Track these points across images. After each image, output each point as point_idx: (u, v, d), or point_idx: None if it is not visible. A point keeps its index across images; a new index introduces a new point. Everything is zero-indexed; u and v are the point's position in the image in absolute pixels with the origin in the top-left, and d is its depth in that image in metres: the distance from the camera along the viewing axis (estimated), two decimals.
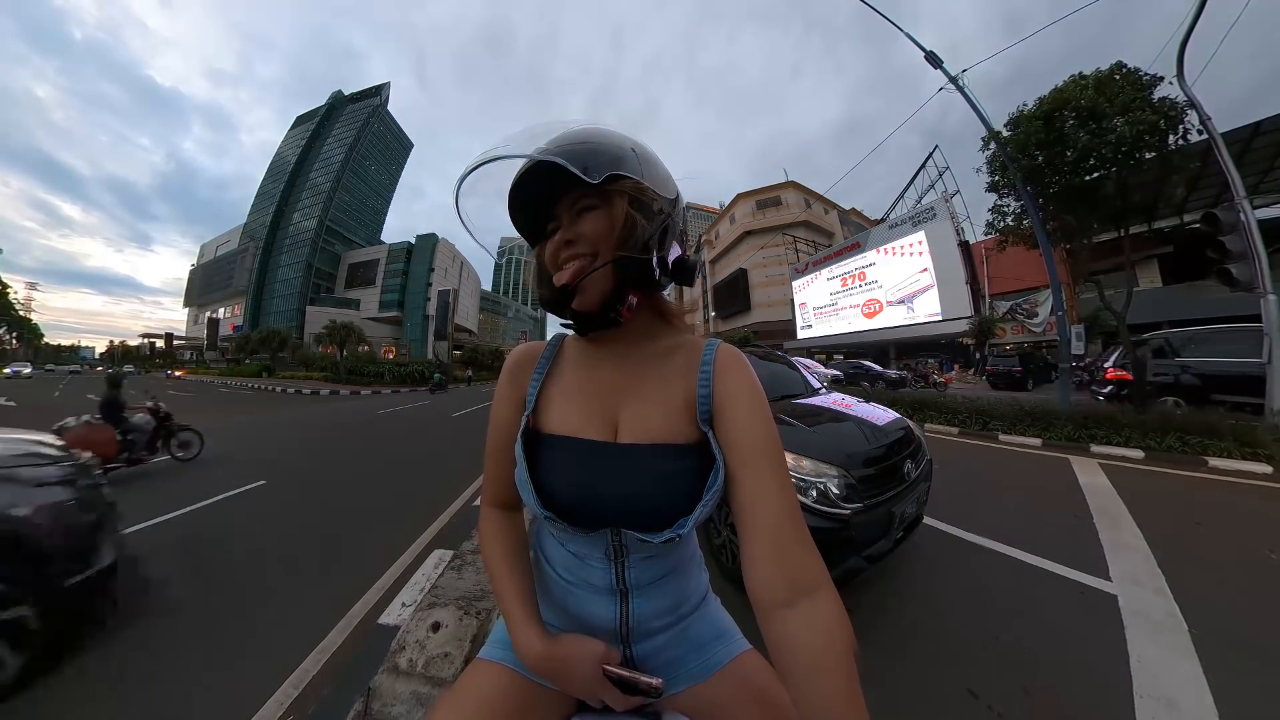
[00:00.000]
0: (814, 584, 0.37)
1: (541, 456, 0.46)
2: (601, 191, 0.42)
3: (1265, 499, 2.98)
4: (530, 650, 0.43)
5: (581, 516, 0.45)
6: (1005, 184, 5.95)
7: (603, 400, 0.48)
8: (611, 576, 0.47)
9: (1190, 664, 1.35)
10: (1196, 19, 4.51)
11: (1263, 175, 12.90)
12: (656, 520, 0.43)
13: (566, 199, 0.44)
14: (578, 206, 0.43)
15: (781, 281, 30.47)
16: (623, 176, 0.41)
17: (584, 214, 0.43)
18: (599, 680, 0.41)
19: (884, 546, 1.69)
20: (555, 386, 0.50)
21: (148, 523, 2.88)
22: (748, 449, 0.42)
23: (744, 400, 0.45)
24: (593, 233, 0.42)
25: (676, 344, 0.50)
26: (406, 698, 0.93)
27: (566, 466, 0.45)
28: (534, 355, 0.53)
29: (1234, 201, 4.30)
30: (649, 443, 0.44)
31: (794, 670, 0.34)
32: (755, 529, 0.39)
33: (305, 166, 58.98)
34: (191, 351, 61.86)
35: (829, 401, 2.37)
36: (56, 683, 1.36)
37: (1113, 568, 1.98)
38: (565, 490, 0.45)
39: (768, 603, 0.36)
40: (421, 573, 2.16)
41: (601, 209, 0.43)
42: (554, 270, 0.45)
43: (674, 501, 0.43)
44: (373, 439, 6.53)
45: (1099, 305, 6.40)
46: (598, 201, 0.43)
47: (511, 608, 0.46)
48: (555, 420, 0.48)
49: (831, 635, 0.34)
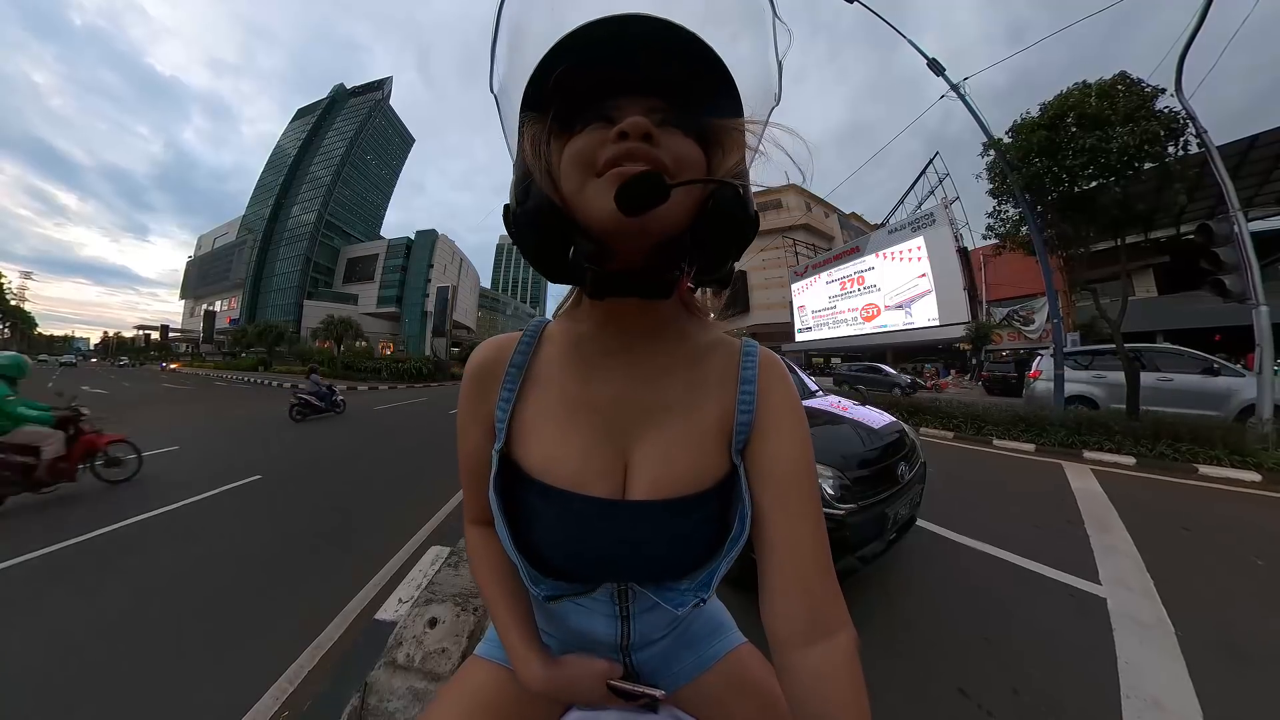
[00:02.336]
0: (833, 626, 0.33)
1: (526, 507, 0.36)
2: (704, 125, 0.30)
3: (1253, 506, 3.02)
4: (532, 678, 0.40)
5: (582, 579, 0.39)
6: (1005, 191, 6.00)
7: (607, 429, 0.37)
8: (615, 607, 0.42)
9: (1176, 666, 1.37)
10: (1195, 33, 4.56)
11: (1257, 188, 13.08)
12: (674, 575, 0.38)
13: (633, 99, 0.29)
14: (657, 116, 0.28)
15: (780, 284, 30.56)
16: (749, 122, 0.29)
17: (666, 130, 0.28)
18: (603, 696, 0.41)
19: (877, 547, 1.70)
20: (535, 407, 0.38)
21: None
22: (788, 484, 0.35)
23: (788, 425, 0.37)
24: (687, 155, 0.29)
25: (708, 344, 0.40)
26: (403, 693, 0.94)
27: (561, 529, 0.36)
28: (502, 359, 0.40)
29: (1229, 214, 4.35)
30: (670, 497, 0.35)
31: (801, 711, 0.31)
32: (784, 565, 0.34)
33: (305, 159, 58.63)
34: (187, 344, 61.36)
35: (825, 404, 2.38)
36: None
37: (1102, 571, 2.00)
38: (560, 558, 0.37)
39: (786, 639, 0.33)
40: (419, 569, 2.16)
41: (691, 141, 0.29)
42: (584, 160, 0.28)
43: (695, 557, 0.37)
44: (372, 438, 6.50)
45: (1095, 313, 6.46)
46: (691, 127, 0.29)
47: (509, 633, 0.42)
48: (541, 458, 0.37)
49: (843, 683, 0.31)
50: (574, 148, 0.29)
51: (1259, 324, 4.18)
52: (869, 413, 2.27)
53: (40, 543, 2.48)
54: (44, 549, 2.42)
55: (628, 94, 0.29)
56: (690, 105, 0.30)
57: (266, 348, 32.70)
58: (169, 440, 5.44)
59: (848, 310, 24.58)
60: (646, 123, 0.27)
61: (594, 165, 0.28)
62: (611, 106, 0.29)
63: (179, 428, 6.77)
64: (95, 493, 3.34)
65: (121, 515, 2.91)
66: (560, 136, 0.30)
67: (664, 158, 0.28)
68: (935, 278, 19.58)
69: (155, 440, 5.19)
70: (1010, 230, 6.28)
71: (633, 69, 0.28)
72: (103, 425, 3.60)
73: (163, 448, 5.02)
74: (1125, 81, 4.95)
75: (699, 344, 0.39)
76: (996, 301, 21.04)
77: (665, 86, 0.29)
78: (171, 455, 4.86)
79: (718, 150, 0.31)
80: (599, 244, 0.29)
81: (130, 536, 2.67)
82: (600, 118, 0.29)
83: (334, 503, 3.29)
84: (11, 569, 2.20)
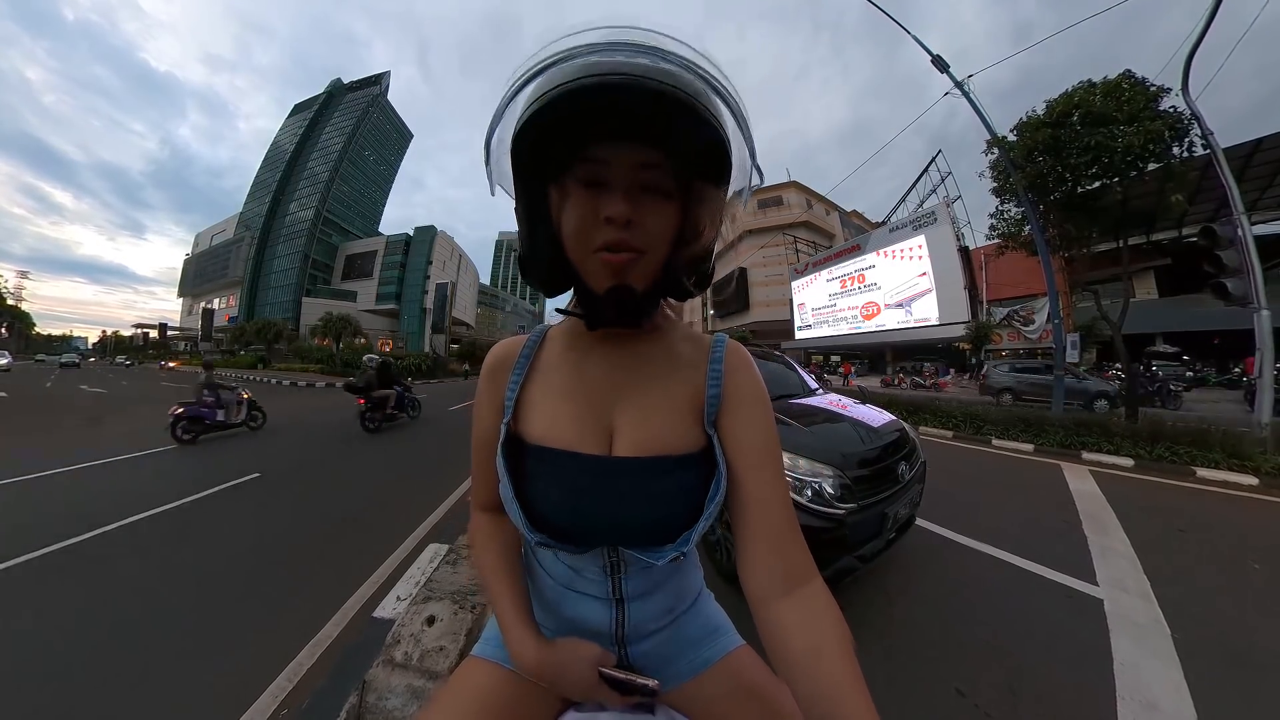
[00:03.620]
0: (807, 575, 0.38)
1: (527, 470, 0.42)
2: (687, 181, 0.34)
3: (1250, 510, 3.03)
4: (524, 655, 0.42)
5: (575, 537, 0.42)
6: (1008, 190, 5.99)
7: (595, 404, 0.43)
8: (608, 587, 0.45)
9: (1172, 668, 1.38)
10: (1204, 34, 4.53)
11: (1261, 191, 13.06)
12: (657, 537, 0.41)
13: (623, 151, 0.32)
14: (644, 180, 0.33)
15: (781, 282, 30.51)
16: (727, 177, 0.34)
17: (649, 195, 0.33)
18: (594, 683, 0.41)
19: (876, 546, 1.70)
20: (538, 388, 0.45)
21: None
22: (755, 452, 0.41)
23: (753, 401, 0.43)
24: (658, 231, 0.34)
25: (678, 337, 0.46)
26: (401, 691, 0.94)
27: (556, 485, 0.41)
28: (513, 353, 0.47)
29: (1233, 217, 4.34)
30: (650, 455, 0.41)
31: (791, 654, 0.34)
32: (757, 528, 0.39)
33: (303, 155, 58.26)
34: (186, 342, 61.22)
35: (825, 402, 2.38)
36: None
37: (1100, 573, 2.01)
38: (556, 512, 0.41)
39: (764, 596, 0.37)
40: (417, 566, 2.16)
41: (674, 203, 0.34)
42: (581, 238, 0.34)
43: (675, 517, 0.40)
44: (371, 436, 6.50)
45: (1095, 314, 6.47)
46: (673, 189, 0.34)
47: (504, 612, 0.44)
48: (540, 428, 0.43)
49: (827, 620, 0.35)
50: (572, 222, 0.34)
51: (1260, 328, 4.18)
52: (869, 411, 2.27)
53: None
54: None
55: (616, 140, 0.32)
56: (682, 163, 0.33)
57: (265, 345, 32.66)
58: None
59: (848, 308, 24.55)
60: (626, 212, 0.32)
61: (590, 240, 0.34)
62: (599, 158, 0.32)
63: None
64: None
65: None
66: (556, 185, 0.35)
67: (640, 242, 0.33)
68: (936, 276, 19.54)
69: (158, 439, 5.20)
70: (1012, 229, 6.26)
71: (617, 115, 0.30)
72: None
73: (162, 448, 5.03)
74: (1130, 81, 4.92)
75: (673, 337, 0.47)
76: (997, 301, 21.03)
77: (661, 140, 0.31)
78: (171, 454, 4.87)
79: (697, 208, 0.35)
80: (593, 299, 0.38)
81: (132, 537, 2.67)
82: (589, 172, 0.33)
83: (333, 500, 3.29)
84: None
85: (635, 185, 0.33)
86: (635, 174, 0.32)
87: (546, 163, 0.34)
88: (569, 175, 0.34)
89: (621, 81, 0.27)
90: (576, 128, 0.30)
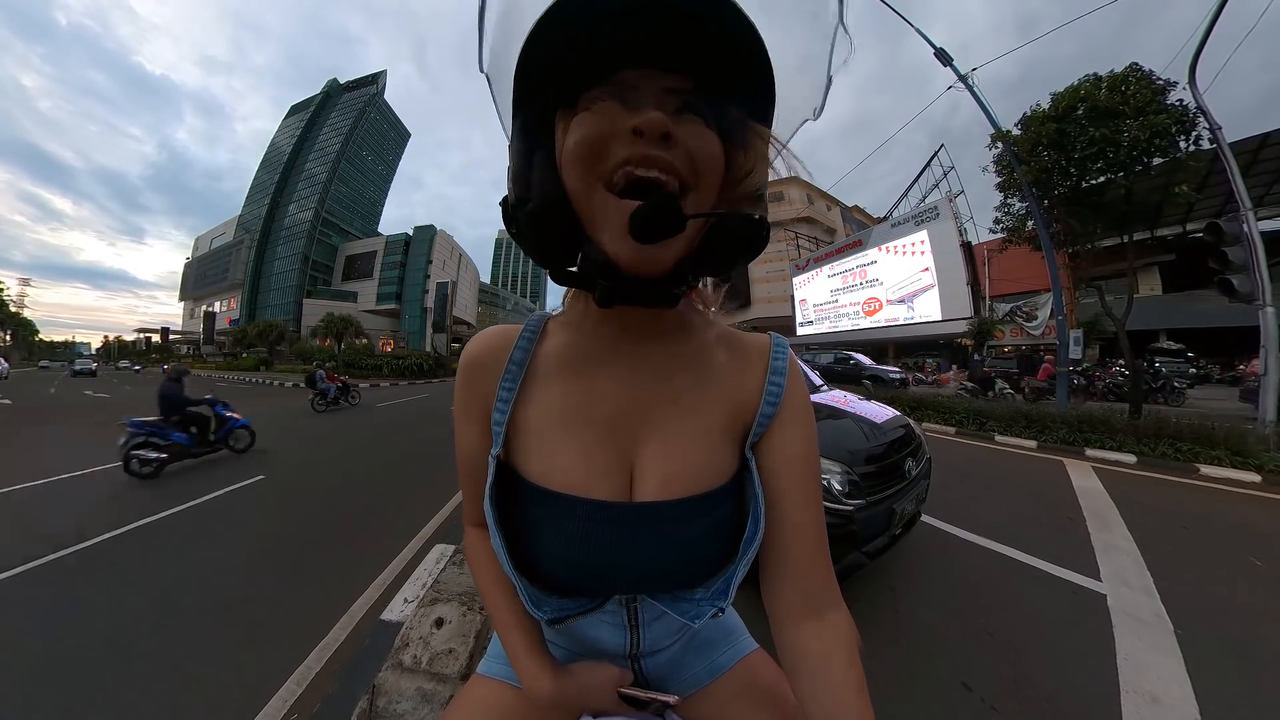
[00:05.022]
0: (831, 603, 0.35)
1: (524, 517, 0.34)
2: (727, 120, 0.27)
3: (1253, 507, 3.02)
4: (540, 689, 0.38)
5: (583, 594, 0.36)
6: (1012, 184, 5.93)
7: (611, 428, 0.34)
8: (623, 615, 0.40)
9: (1174, 662, 1.39)
10: (1211, 27, 4.46)
11: (1267, 187, 12.88)
12: (685, 584, 0.36)
13: (652, 75, 0.25)
14: (677, 100, 0.26)
15: (782, 277, 30.33)
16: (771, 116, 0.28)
17: (686, 117, 0.26)
18: (614, 704, 0.40)
19: (883, 542, 1.71)
20: (535, 407, 0.35)
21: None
22: (799, 471, 0.35)
23: (805, 417, 0.37)
24: (707, 154, 0.26)
25: (714, 338, 0.38)
26: (412, 694, 0.94)
27: (562, 538, 0.33)
28: (500, 354, 0.36)
29: (1239, 212, 4.29)
30: (680, 497, 0.33)
31: (804, 666, 0.33)
32: (788, 547, 0.35)
33: (301, 156, 58.09)
34: (188, 346, 61.35)
35: (828, 398, 2.38)
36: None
37: (1103, 568, 2.01)
38: (561, 571, 0.34)
39: (785, 616, 0.35)
40: (423, 568, 2.17)
41: (713, 132, 0.26)
42: (596, 152, 0.25)
43: (710, 559, 0.35)
44: (375, 434, 6.52)
45: (1099, 310, 6.42)
46: (711, 120, 0.26)
47: (513, 642, 0.40)
48: (541, 463, 0.34)
49: (841, 639, 0.34)
50: (581, 131, 0.25)
51: (1265, 325, 4.15)
52: (872, 407, 2.27)
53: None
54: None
55: (647, 65, 0.25)
56: (719, 90, 0.26)
57: (267, 347, 32.71)
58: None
59: (849, 304, 24.41)
60: (665, 120, 0.24)
61: (604, 160, 0.25)
62: (626, 80, 0.25)
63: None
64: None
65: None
66: (565, 113, 0.27)
67: (681, 166, 0.25)
68: (938, 272, 19.40)
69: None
70: (1017, 224, 6.21)
71: (656, 34, 0.23)
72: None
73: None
74: (1137, 74, 4.86)
75: (704, 339, 0.38)
76: (999, 297, 20.91)
77: (693, 62, 0.25)
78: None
79: (739, 152, 0.28)
80: (607, 260, 0.27)
81: (133, 539, 2.69)
82: (611, 93, 0.25)
83: (338, 501, 3.31)
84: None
85: (668, 108, 0.25)
86: (667, 99, 0.25)
87: (555, 84, 0.26)
88: (584, 99, 0.26)
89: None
90: (598, 44, 0.24)
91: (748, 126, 0.28)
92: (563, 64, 0.25)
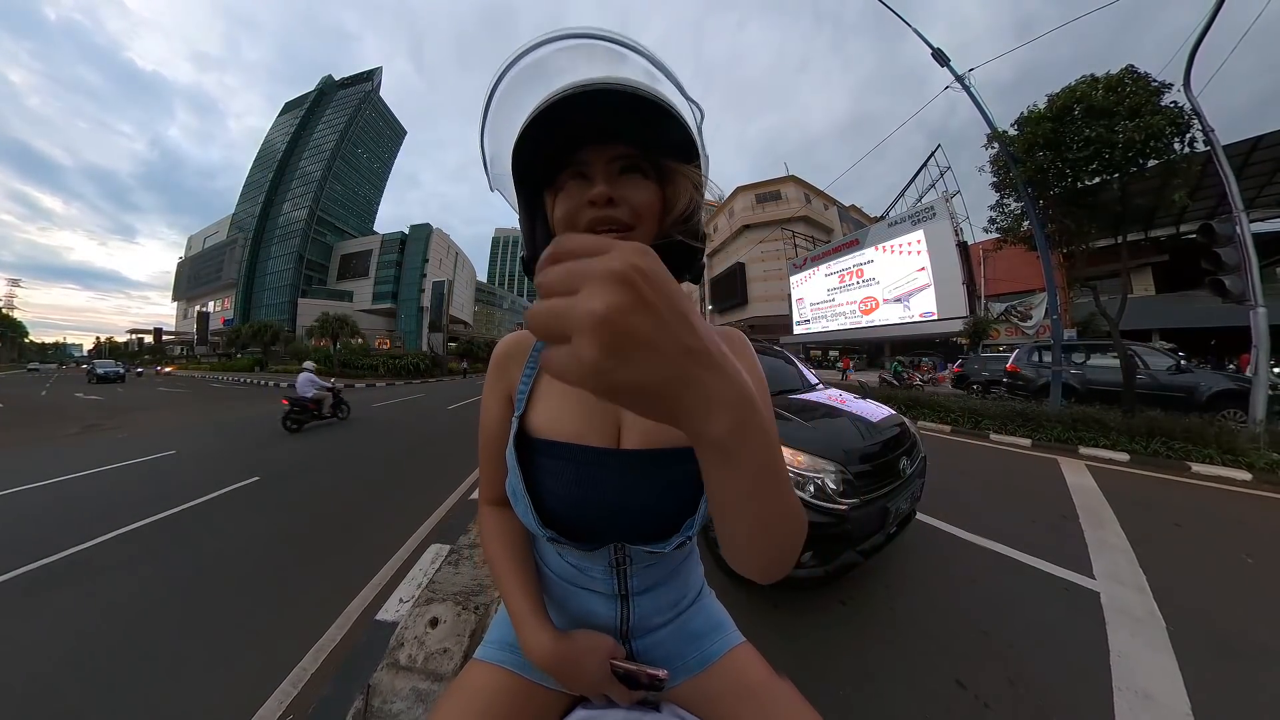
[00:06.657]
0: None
1: (535, 465, 0.43)
2: (660, 164, 0.38)
3: (1244, 505, 3.06)
4: (540, 648, 0.42)
5: (582, 533, 0.43)
6: (1008, 184, 5.97)
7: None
8: (613, 583, 0.47)
9: (1167, 659, 1.40)
10: (1207, 29, 4.50)
11: (1259, 190, 13.04)
12: (662, 530, 0.42)
13: (602, 149, 0.36)
14: (620, 164, 0.37)
15: (779, 276, 30.47)
16: (696, 156, 0.37)
17: (628, 176, 0.37)
18: (607, 676, 0.42)
19: (877, 541, 1.72)
20: (548, 383, 0.46)
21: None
22: None
23: (753, 383, 0.43)
24: (643, 203, 0.37)
25: None
26: (407, 694, 0.94)
27: (564, 478, 0.42)
28: (524, 347, 0.48)
29: (1232, 214, 4.33)
30: (655, 448, 0.41)
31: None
32: None
33: (295, 154, 57.61)
34: (182, 346, 60.77)
35: (824, 397, 2.39)
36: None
37: (1096, 566, 2.03)
38: (563, 506, 0.42)
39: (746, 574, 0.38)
40: (418, 568, 2.17)
41: (651, 181, 0.37)
42: (570, 221, 0.37)
43: (680, 508, 0.41)
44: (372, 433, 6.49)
45: (1093, 310, 6.48)
46: (649, 171, 0.37)
47: (518, 605, 0.45)
48: (549, 422, 0.44)
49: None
50: (560, 208, 0.37)
51: (1256, 326, 4.19)
52: (867, 405, 2.28)
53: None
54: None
55: (596, 142, 0.36)
56: (650, 149, 0.37)
57: (262, 348, 32.47)
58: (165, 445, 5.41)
59: (846, 303, 24.56)
60: (605, 191, 0.35)
61: (576, 224, 0.37)
62: (583, 160, 0.37)
63: (174, 431, 6.75)
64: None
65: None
66: (551, 191, 0.39)
67: (626, 216, 0.36)
68: (934, 271, 19.55)
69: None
70: (1012, 224, 6.25)
71: (599, 119, 0.34)
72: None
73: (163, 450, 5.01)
74: (1133, 76, 4.89)
75: None
76: (995, 297, 21.06)
77: (627, 134, 0.36)
78: (170, 458, 4.85)
79: (671, 187, 0.38)
80: None
81: (135, 540, 2.66)
82: (576, 173, 0.37)
83: (333, 502, 3.29)
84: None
85: (614, 172, 0.37)
86: (613, 165, 0.37)
87: (541, 171, 0.39)
88: (561, 178, 0.38)
89: (578, 93, 0.32)
90: (562, 137, 0.36)
91: (677, 170, 0.38)
92: (542, 156, 0.37)
